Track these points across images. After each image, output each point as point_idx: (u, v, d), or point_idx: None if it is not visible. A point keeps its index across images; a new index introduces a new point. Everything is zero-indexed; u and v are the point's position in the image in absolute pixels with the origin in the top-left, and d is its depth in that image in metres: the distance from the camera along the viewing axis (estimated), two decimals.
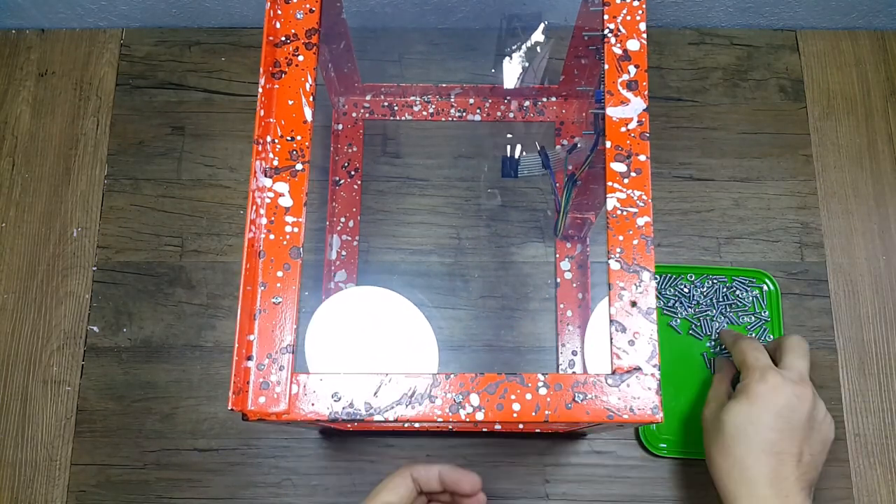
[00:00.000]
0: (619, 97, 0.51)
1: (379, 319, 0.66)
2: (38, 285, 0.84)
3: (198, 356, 0.81)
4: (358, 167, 0.85)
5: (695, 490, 0.78)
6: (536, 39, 0.80)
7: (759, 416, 0.65)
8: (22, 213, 0.86)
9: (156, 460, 0.79)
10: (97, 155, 0.88)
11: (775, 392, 0.66)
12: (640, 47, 0.52)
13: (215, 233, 0.85)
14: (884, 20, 0.91)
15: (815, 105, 0.89)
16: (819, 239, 0.85)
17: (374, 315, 0.66)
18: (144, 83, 0.90)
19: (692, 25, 0.92)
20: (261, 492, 0.78)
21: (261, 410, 0.45)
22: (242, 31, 0.92)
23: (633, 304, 0.47)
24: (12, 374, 0.81)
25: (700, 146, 0.88)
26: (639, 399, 0.45)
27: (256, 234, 0.48)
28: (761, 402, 0.66)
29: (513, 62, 0.81)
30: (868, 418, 0.80)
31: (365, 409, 0.44)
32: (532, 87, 0.84)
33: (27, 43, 0.92)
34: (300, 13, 0.53)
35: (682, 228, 0.85)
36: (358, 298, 0.68)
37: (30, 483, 0.78)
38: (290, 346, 0.46)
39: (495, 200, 0.85)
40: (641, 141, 0.50)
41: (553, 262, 0.83)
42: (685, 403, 0.80)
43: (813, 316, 0.83)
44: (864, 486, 0.78)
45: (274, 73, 0.51)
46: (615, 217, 0.49)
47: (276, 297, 0.47)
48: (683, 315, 0.82)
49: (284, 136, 0.50)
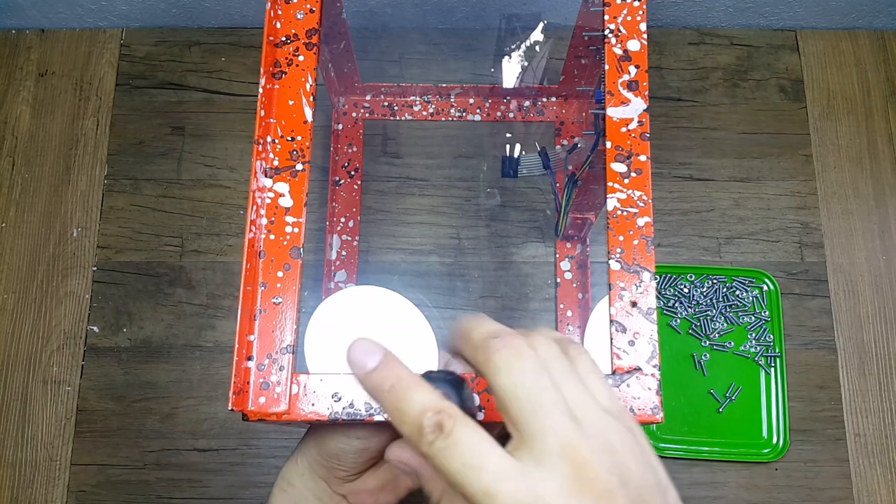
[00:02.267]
0: (620, 97, 0.51)
1: (378, 319, 0.66)
2: (38, 285, 0.84)
3: (198, 356, 0.81)
4: (358, 167, 0.85)
5: (695, 490, 0.78)
6: (536, 39, 0.80)
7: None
8: (22, 213, 0.86)
9: (156, 460, 0.79)
10: (97, 155, 0.88)
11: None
12: (641, 48, 0.52)
13: (215, 233, 0.85)
14: (884, 20, 0.91)
15: (815, 105, 0.89)
16: (819, 239, 0.85)
17: (374, 315, 0.66)
18: (144, 83, 0.90)
19: (692, 25, 0.92)
20: (261, 492, 0.78)
21: (261, 411, 0.45)
22: (242, 31, 0.92)
23: (634, 304, 0.47)
24: (12, 374, 0.81)
25: (700, 146, 0.88)
26: (639, 399, 0.45)
27: (256, 235, 0.48)
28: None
29: (512, 62, 0.81)
30: (868, 418, 0.80)
31: (365, 410, 0.44)
32: (532, 87, 0.84)
33: (27, 43, 0.92)
34: (300, 13, 0.53)
35: (682, 228, 0.85)
36: (357, 298, 0.68)
37: (30, 483, 0.78)
38: (291, 347, 0.46)
39: (495, 200, 0.85)
40: (642, 141, 0.50)
41: (553, 262, 0.83)
42: (685, 403, 0.80)
43: (813, 316, 0.83)
44: (864, 486, 0.78)
45: (274, 73, 0.51)
46: (615, 217, 0.49)
47: (276, 298, 0.47)
48: (683, 315, 0.82)
49: (285, 136, 0.50)
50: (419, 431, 0.33)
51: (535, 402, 0.33)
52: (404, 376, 0.36)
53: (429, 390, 0.35)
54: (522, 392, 0.33)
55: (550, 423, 0.32)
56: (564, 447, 0.32)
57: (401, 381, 0.36)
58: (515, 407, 0.33)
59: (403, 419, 0.35)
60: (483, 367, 0.35)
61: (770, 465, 0.78)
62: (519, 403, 0.33)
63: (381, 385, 0.37)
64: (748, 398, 0.80)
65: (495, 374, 0.34)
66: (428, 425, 0.33)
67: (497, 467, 0.32)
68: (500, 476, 0.31)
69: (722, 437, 0.79)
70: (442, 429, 0.33)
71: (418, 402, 0.35)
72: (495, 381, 0.34)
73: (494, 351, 0.34)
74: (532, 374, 0.34)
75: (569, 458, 0.32)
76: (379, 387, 0.37)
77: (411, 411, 0.34)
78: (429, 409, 0.34)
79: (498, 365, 0.34)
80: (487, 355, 0.34)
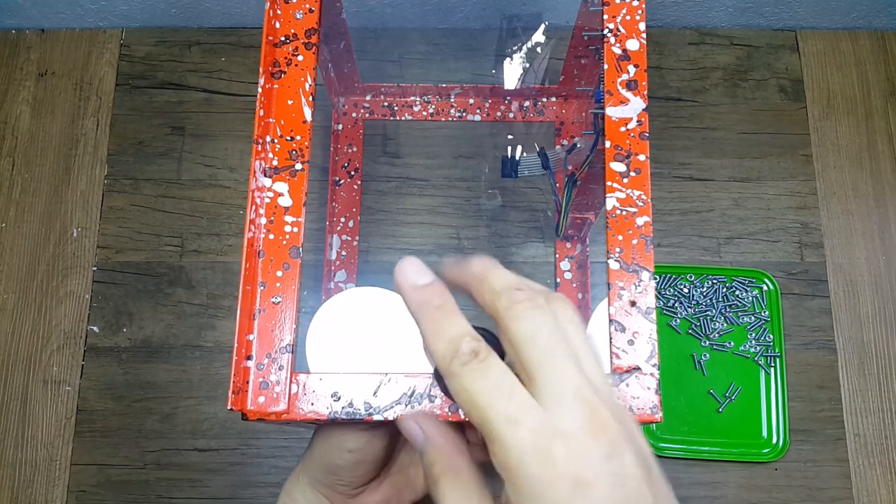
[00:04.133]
0: (619, 97, 0.51)
1: (380, 320, 0.66)
2: (38, 285, 0.84)
3: (198, 356, 0.81)
4: (358, 167, 0.85)
5: (695, 490, 0.78)
6: (537, 40, 0.80)
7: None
8: (22, 213, 0.86)
9: (156, 460, 0.79)
10: (97, 155, 0.88)
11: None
12: (640, 47, 0.52)
13: (215, 233, 0.85)
14: (884, 20, 0.91)
15: (815, 105, 0.89)
16: (819, 239, 0.85)
17: (375, 316, 0.66)
18: (144, 83, 0.90)
19: (692, 25, 0.92)
20: (261, 492, 0.78)
21: (260, 410, 0.44)
22: (242, 31, 0.92)
23: (633, 303, 0.47)
24: (12, 374, 0.81)
25: (700, 146, 0.88)
26: (638, 399, 0.45)
27: (256, 234, 0.48)
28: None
29: (513, 62, 0.81)
30: (868, 418, 0.80)
31: (364, 409, 0.44)
32: (532, 87, 0.84)
33: (27, 43, 0.92)
34: (300, 13, 0.53)
35: (682, 228, 0.85)
36: (359, 299, 0.68)
37: (30, 483, 0.78)
38: (290, 346, 0.46)
39: (496, 201, 0.85)
40: (641, 141, 0.50)
41: (553, 262, 0.83)
42: (685, 403, 0.80)
43: (813, 316, 0.83)
44: (864, 486, 0.78)
45: (274, 73, 0.51)
46: (614, 217, 0.49)
47: (275, 297, 0.47)
48: (683, 315, 0.82)
49: (284, 135, 0.50)
50: (454, 352, 0.34)
51: (552, 350, 0.34)
52: (452, 300, 0.37)
53: (469, 324, 0.36)
54: (541, 340, 0.34)
55: (564, 370, 0.33)
56: (579, 392, 0.33)
57: (449, 302, 0.37)
58: (532, 353, 0.34)
59: (441, 336, 0.35)
60: (504, 312, 0.35)
61: (770, 465, 0.78)
62: (536, 351, 0.34)
63: (431, 300, 0.37)
64: (748, 398, 0.80)
65: (515, 321, 0.35)
66: (465, 348, 0.34)
67: (524, 398, 0.33)
68: (525, 406, 0.32)
69: (722, 436, 0.79)
70: (477, 355, 0.34)
71: (461, 325, 0.35)
72: (514, 327, 0.35)
73: (517, 301, 0.35)
74: (550, 327, 0.35)
75: (584, 401, 0.33)
76: (427, 301, 0.37)
77: (451, 332, 0.35)
78: (468, 334, 0.35)
79: (519, 314, 0.35)
80: (510, 303, 0.35)
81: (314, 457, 0.49)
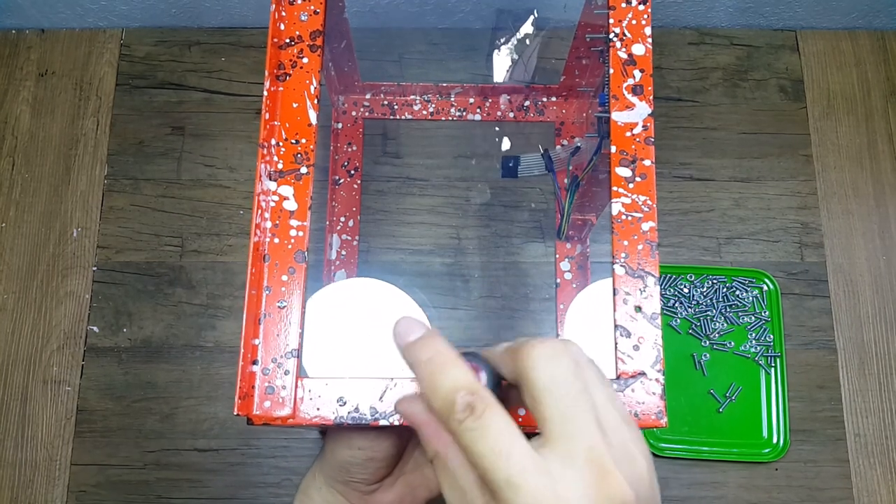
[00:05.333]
0: (625, 101, 0.51)
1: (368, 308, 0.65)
2: (38, 285, 0.84)
3: (198, 356, 0.81)
4: (358, 166, 0.85)
5: (695, 490, 0.78)
6: (536, 38, 0.80)
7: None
8: (22, 213, 0.86)
9: (156, 460, 0.79)
10: (97, 155, 0.87)
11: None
12: (646, 52, 0.52)
13: (215, 233, 0.85)
14: (884, 20, 0.91)
15: (815, 105, 0.90)
16: (819, 239, 0.85)
17: (365, 305, 0.65)
18: (144, 83, 0.90)
19: (692, 25, 0.92)
20: (261, 492, 0.78)
21: (266, 415, 0.45)
22: (242, 31, 0.92)
23: (638, 308, 0.47)
24: (12, 374, 0.81)
25: (700, 146, 0.88)
26: (643, 404, 0.45)
27: (261, 238, 0.48)
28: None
29: (509, 60, 0.81)
30: (868, 418, 0.80)
31: (370, 414, 0.44)
32: (532, 87, 0.84)
33: (27, 43, 0.92)
34: (304, 15, 0.53)
35: (682, 228, 0.85)
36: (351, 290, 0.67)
37: (30, 483, 0.78)
38: (295, 351, 0.46)
39: (485, 196, 0.85)
40: (646, 146, 0.50)
41: (553, 263, 0.83)
42: (685, 403, 0.80)
43: (813, 316, 0.83)
44: (864, 486, 0.78)
45: (278, 75, 0.51)
46: (620, 222, 0.49)
47: (280, 301, 0.47)
48: (683, 315, 0.82)
49: (289, 139, 0.50)
50: (450, 408, 0.34)
51: (570, 401, 0.33)
52: (443, 351, 0.36)
53: (465, 370, 0.35)
54: (559, 389, 0.33)
55: (580, 427, 0.33)
56: (591, 452, 0.32)
57: (440, 354, 0.36)
58: (550, 403, 0.33)
59: (436, 392, 0.35)
60: (522, 361, 0.35)
61: (770, 465, 0.78)
62: (554, 400, 0.33)
63: (420, 355, 0.37)
64: (748, 398, 0.80)
65: (533, 368, 0.34)
66: (460, 404, 0.33)
67: (523, 459, 0.32)
68: (525, 468, 0.32)
69: (722, 437, 0.79)
70: (473, 410, 0.33)
71: (453, 378, 0.35)
72: (533, 375, 0.34)
73: (533, 346, 0.35)
74: (569, 372, 0.34)
75: (594, 464, 0.32)
76: (417, 357, 0.37)
77: (445, 386, 0.35)
78: (463, 387, 0.34)
79: (537, 359, 0.34)
80: (528, 350, 0.35)
81: (327, 455, 0.50)
